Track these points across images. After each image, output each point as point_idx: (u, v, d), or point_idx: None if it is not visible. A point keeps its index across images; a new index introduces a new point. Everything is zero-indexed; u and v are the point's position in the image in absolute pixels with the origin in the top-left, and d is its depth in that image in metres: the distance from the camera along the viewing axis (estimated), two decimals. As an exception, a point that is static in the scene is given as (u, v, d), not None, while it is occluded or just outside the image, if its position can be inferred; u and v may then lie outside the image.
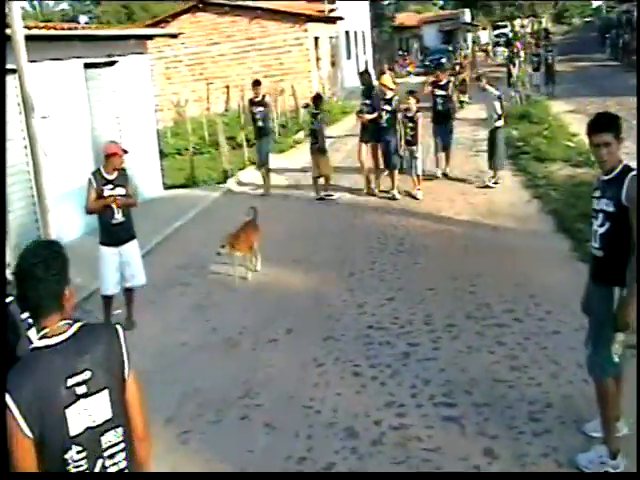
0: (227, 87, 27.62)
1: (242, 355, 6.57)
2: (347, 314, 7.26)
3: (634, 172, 4.16)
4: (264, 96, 13.77)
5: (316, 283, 8.33)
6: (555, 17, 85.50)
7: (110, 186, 6.96)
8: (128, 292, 7.45)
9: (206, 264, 8.26)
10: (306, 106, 12.56)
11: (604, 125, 4.25)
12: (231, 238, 8.13)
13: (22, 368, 2.42)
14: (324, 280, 8.38)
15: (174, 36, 19.65)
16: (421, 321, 6.88)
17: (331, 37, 32.27)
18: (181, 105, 22.22)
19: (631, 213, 4.09)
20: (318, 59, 29.12)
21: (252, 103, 13.72)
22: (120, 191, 7.01)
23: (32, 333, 2.73)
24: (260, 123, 13.50)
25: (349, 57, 35.58)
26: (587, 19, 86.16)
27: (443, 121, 13.28)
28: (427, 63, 43.97)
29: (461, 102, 21.96)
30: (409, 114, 12.04)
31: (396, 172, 12.16)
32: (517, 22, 59.57)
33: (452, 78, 17.09)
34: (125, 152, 7.11)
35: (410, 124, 11.96)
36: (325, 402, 5.52)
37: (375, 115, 12.26)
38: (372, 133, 12.45)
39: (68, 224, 10.00)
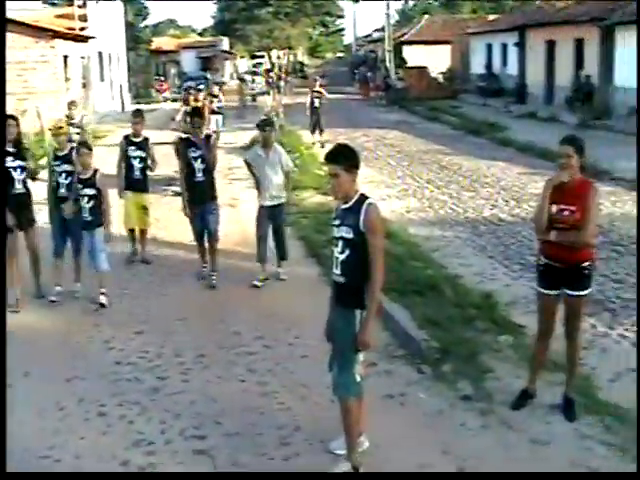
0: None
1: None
2: (93, 351, 6.86)
3: (369, 200, 4.49)
4: None
5: (60, 320, 7.74)
6: (309, 51, 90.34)
7: None
8: None
9: None
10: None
11: (334, 157, 4.51)
12: None
13: None
14: (68, 317, 7.83)
15: None
16: (171, 353, 6.69)
17: (82, 57, 30.97)
18: None
19: (368, 240, 4.38)
20: (67, 79, 27.73)
21: None
22: None
23: None
24: None
25: (102, 79, 34.40)
26: (339, 54, 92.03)
27: (206, 197, 8.52)
28: (185, 88, 44.04)
29: None
30: (84, 175, 7.84)
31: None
32: (274, 53, 62.15)
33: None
34: None
35: (86, 192, 7.81)
36: (67, 448, 5.13)
37: None
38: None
39: None
